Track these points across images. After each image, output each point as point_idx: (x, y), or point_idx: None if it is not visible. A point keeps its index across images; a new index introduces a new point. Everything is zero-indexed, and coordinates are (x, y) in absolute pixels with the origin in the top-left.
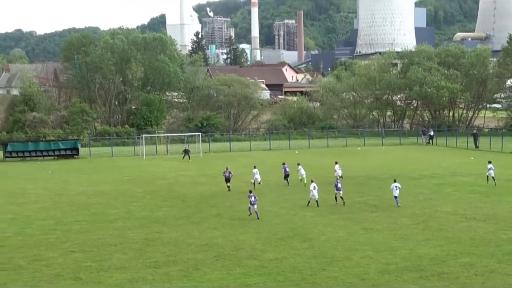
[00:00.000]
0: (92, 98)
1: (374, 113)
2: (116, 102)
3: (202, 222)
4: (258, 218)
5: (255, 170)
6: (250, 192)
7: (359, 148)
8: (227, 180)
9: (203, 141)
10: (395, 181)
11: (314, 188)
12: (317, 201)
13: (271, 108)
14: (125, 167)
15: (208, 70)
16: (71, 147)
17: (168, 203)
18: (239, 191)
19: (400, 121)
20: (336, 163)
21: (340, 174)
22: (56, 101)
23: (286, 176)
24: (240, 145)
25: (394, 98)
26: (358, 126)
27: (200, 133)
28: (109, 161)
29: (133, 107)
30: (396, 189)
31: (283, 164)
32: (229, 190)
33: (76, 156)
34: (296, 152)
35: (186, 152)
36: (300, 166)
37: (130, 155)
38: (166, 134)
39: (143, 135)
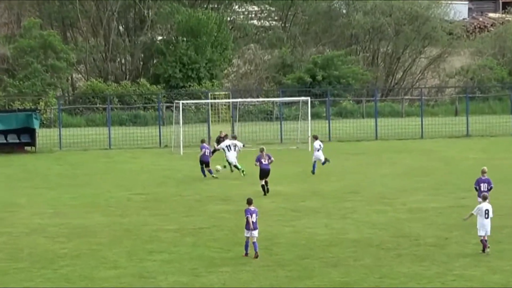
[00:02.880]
0: (69, 19)
1: None
2: (122, 28)
3: None
4: (256, 256)
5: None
6: (250, 203)
7: None
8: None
9: (314, 114)
10: None
11: None
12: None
13: (470, 42)
14: (138, 172)
15: None
16: (18, 127)
17: (232, 255)
18: (394, 230)
19: None
20: (316, 138)
21: (321, 158)
22: None
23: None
24: (400, 125)
25: None
26: None
27: (309, 98)
28: (103, 158)
29: (159, 38)
30: None
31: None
32: (264, 193)
33: (29, 147)
34: None
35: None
36: (234, 142)
37: (149, 146)
38: (232, 100)
39: (181, 102)
